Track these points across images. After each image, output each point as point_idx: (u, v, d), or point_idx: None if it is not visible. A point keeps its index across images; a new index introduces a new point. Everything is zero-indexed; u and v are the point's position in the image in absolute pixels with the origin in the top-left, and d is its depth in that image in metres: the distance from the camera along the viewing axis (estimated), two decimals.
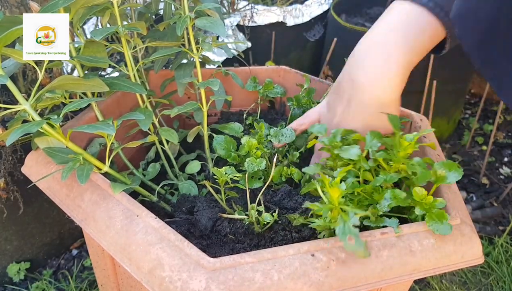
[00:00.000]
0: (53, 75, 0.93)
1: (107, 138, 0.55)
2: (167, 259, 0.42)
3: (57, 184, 0.54)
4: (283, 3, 1.46)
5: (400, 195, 0.48)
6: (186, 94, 0.80)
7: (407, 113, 0.70)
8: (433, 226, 0.46)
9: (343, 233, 0.41)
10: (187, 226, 0.55)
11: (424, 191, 0.48)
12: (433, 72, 1.29)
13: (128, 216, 0.47)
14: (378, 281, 0.44)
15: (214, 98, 0.68)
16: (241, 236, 0.53)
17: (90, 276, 0.99)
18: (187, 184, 0.64)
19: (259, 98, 0.87)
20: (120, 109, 0.73)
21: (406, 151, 0.52)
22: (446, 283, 1.02)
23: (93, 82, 0.52)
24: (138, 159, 0.71)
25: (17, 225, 0.92)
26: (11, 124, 0.53)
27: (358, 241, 0.41)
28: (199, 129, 0.69)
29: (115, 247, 0.46)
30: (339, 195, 0.43)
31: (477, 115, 1.43)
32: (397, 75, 0.52)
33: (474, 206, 1.23)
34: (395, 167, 0.52)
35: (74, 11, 0.55)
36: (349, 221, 0.41)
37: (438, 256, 0.46)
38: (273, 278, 0.40)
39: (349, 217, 0.42)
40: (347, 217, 0.42)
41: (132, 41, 0.63)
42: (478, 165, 1.42)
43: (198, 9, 0.61)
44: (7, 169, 0.83)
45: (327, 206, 0.44)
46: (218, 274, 0.40)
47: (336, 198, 0.43)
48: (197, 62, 0.65)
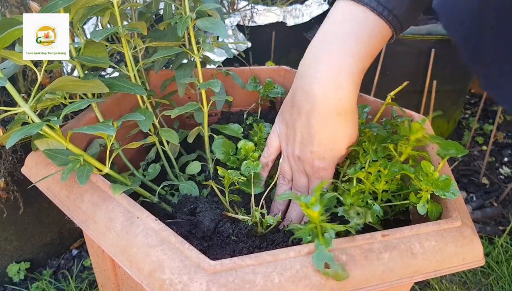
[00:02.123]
0: (53, 76, 0.93)
1: (107, 139, 0.54)
2: (167, 261, 0.42)
3: (57, 185, 0.54)
4: (283, 3, 1.46)
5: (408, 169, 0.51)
6: (187, 94, 0.80)
7: (408, 113, 0.70)
8: (440, 192, 0.49)
9: (318, 259, 0.41)
10: (189, 227, 0.55)
11: (431, 166, 0.50)
12: (433, 72, 1.29)
13: (129, 218, 0.47)
14: (379, 283, 0.44)
15: (214, 98, 0.68)
16: (243, 236, 0.53)
17: (90, 276, 0.99)
18: (188, 185, 0.64)
19: (260, 98, 0.87)
20: (120, 110, 0.73)
21: (416, 135, 0.53)
22: (446, 283, 1.02)
23: (93, 83, 0.51)
24: (139, 160, 0.71)
25: (17, 225, 0.92)
26: (11, 126, 0.53)
27: (334, 265, 0.41)
28: (199, 129, 0.69)
29: (115, 249, 0.46)
30: (317, 214, 0.43)
31: (477, 115, 1.43)
32: (352, 83, 0.51)
33: (474, 206, 1.23)
34: (406, 152, 0.54)
35: (74, 11, 0.54)
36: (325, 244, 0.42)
37: (440, 258, 0.46)
38: (274, 281, 0.40)
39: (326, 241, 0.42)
40: (324, 241, 0.43)
41: (132, 41, 0.63)
42: (478, 165, 1.42)
43: (199, 9, 0.61)
44: (7, 169, 0.83)
45: (309, 227, 0.45)
46: (218, 277, 0.40)
47: (316, 217, 0.43)
48: (197, 62, 0.65)
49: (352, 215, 0.52)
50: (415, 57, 1.31)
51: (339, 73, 0.50)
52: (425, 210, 0.50)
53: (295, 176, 0.60)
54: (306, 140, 0.55)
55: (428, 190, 0.50)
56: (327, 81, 0.51)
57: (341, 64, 0.50)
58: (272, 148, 0.63)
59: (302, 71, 0.54)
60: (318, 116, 0.53)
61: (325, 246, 0.42)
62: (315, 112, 0.53)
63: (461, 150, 0.50)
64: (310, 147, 0.55)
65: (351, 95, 0.52)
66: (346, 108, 0.52)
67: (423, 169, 0.50)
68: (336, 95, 0.51)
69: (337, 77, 0.50)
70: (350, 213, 0.52)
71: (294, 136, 0.57)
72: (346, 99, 0.51)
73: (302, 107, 0.54)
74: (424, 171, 0.50)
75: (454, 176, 1.32)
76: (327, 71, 0.51)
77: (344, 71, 0.50)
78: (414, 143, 0.55)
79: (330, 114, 0.52)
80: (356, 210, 0.52)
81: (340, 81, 0.51)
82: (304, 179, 0.59)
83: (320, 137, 0.54)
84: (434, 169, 0.50)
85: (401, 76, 1.21)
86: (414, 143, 0.55)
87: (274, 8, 1.38)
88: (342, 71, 0.50)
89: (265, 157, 0.64)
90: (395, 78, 1.31)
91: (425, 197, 0.50)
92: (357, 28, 0.50)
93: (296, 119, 0.56)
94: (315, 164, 0.56)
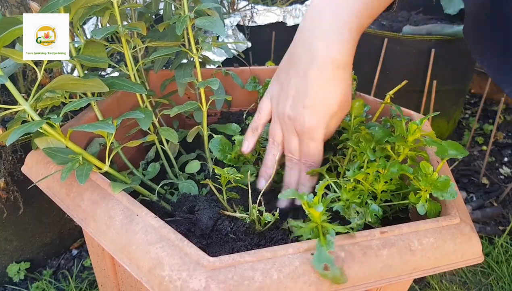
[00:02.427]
0: (53, 75, 0.93)
1: (107, 138, 0.55)
2: (167, 258, 0.42)
3: (57, 184, 0.54)
4: (283, 3, 1.46)
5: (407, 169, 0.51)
6: (186, 94, 0.80)
7: (406, 112, 0.70)
8: (438, 194, 0.49)
9: (318, 261, 0.41)
10: (188, 225, 0.55)
11: (430, 166, 0.50)
12: (433, 72, 1.29)
13: (128, 216, 0.47)
14: (377, 280, 0.44)
15: (214, 98, 0.68)
16: (242, 234, 0.53)
17: (90, 276, 0.99)
18: (187, 183, 0.65)
19: (259, 98, 0.87)
20: (120, 109, 0.73)
21: (414, 136, 0.53)
22: (446, 283, 1.02)
23: (93, 82, 0.52)
24: (138, 159, 0.71)
25: (17, 225, 0.92)
26: (10, 124, 0.53)
27: (334, 268, 0.41)
28: (199, 129, 0.69)
29: (115, 247, 0.46)
30: (320, 214, 0.43)
31: (477, 115, 1.43)
32: (351, 38, 0.52)
33: (474, 206, 1.23)
34: (403, 153, 0.54)
35: (74, 11, 0.55)
36: (326, 246, 0.42)
37: (438, 255, 0.46)
38: (273, 277, 0.40)
39: (327, 242, 0.42)
40: (325, 242, 0.42)
41: (132, 41, 0.63)
42: (478, 165, 1.42)
43: (198, 8, 0.61)
44: (7, 169, 0.83)
45: (309, 225, 0.45)
46: (218, 273, 0.40)
47: (318, 217, 0.43)
48: (196, 62, 0.65)
49: (352, 215, 0.52)
50: (415, 57, 1.31)
51: (342, 28, 0.52)
52: (424, 210, 0.50)
53: (286, 136, 0.59)
54: (300, 94, 0.55)
55: (427, 190, 0.50)
56: (329, 34, 0.52)
57: (344, 19, 0.52)
58: (264, 111, 0.62)
59: (303, 26, 0.55)
60: (316, 68, 0.53)
61: (326, 248, 0.42)
62: (314, 64, 0.53)
63: (461, 150, 0.50)
64: (303, 101, 0.55)
65: (350, 51, 0.53)
66: (345, 63, 0.53)
67: (422, 169, 0.51)
68: (337, 49, 0.52)
69: (340, 31, 0.52)
70: (350, 213, 0.52)
71: (287, 93, 0.57)
72: (346, 54, 0.53)
73: (300, 61, 0.54)
74: (423, 171, 0.50)
75: (454, 175, 1.33)
76: (330, 25, 0.52)
77: (347, 27, 0.52)
78: (411, 144, 0.55)
79: (328, 66, 0.53)
80: (356, 209, 0.52)
81: (343, 35, 0.52)
82: (295, 139, 0.58)
83: (315, 89, 0.54)
84: (433, 169, 0.50)
85: (401, 76, 1.21)
86: (411, 144, 0.55)
87: (274, 8, 1.38)
88: (346, 26, 0.52)
89: (255, 120, 0.64)
90: (395, 78, 1.31)
91: (424, 197, 0.50)
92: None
93: (292, 76, 0.56)
94: (306, 121, 0.55)
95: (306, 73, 0.54)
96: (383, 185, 0.53)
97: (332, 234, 0.43)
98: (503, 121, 1.67)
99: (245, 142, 0.65)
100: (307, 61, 0.54)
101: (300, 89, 0.55)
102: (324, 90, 0.54)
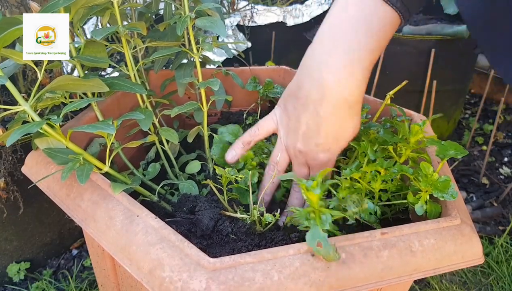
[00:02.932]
0: (53, 75, 0.93)
1: (107, 138, 0.55)
2: (167, 259, 0.42)
3: (57, 184, 0.54)
4: (283, 3, 1.46)
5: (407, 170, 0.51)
6: (187, 94, 0.80)
7: (407, 113, 0.70)
8: (438, 194, 0.49)
9: (312, 238, 0.41)
10: (188, 226, 0.55)
11: (431, 167, 0.50)
12: (433, 72, 1.29)
13: (128, 216, 0.47)
14: (378, 281, 0.44)
15: (214, 98, 0.68)
16: (242, 235, 0.53)
17: (90, 276, 0.99)
18: (188, 184, 0.64)
19: (259, 98, 0.87)
20: (120, 110, 0.73)
21: (416, 137, 0.53)
22: (446, 283, 1.02)
23: (93, 83, 0.52)
24: (138, 159, 0.71)
25: (17, 225, 0.92)
26: (11, 125, 0.53)
27: (327, 245, 0.41)
28: (199, 129, 0.69)
29: (115, 247, 0.46)
30: (317, 198, 0.43)
31: (477, 115, 1.43)
32: (363, 76, 0.50)
33: (474, 206, 1.23)
34: (405, 154, 0.54)
35: (74, 11, 0.55)
36: (320, 226, 0.42)
37: (439, 256, 0.46)
38: (273, 278, 0.40)
39: (322, 222, 0.42)
40: (320, 222, 0.42)
41: (132, 41, 0.63)
42: (478, 165, 1.42)
43: (199, 9, 0.61)
44: (7, 169, 0.83)
45: (306, 210, 0.45)
46: (218, 274, 0.40)
47: (315, 202, 0.43)
48: (197, 62, 0.65)
49: (349, 203, 0.52)
50: (415, 57, 1.31)
51: (352, 63, 0.49)
52: (423, 211, 0.50)
53: (295, 168, 0.59)
54: (312, 132, 0.54)
55: (427, 191, 0.50)
56: (340, 70, 0.50)
57: (354, 55, 0.49)
58: (263, 130, 0.61)
59: (311, 59, 0.52)
60: (328, 106, 0.51)
61: (321, 227, 0.42)
62: (325, 102, 0.51)
63: (461, 150, 0.50)
64: (316, 139, 0.53)
65: (362, 86, 0.51)
66: (357, 98, 0.51)
67: (422, 170, 0.50)
68: (349, 85, 0.50)
69: (350, 66, 0.49)
70: (347, 201, 0.52)
71: (297, 129, 0.55)
72: (358, 90, 0.51)
73: (310, 97, 0.52)
74: (423, 172, 0.50)
75: (454, 176, 1.33)
76: (340, 60, 0.49)
77: (357, 61, 0.49)
78: (413, 145, 0.54)
79: (341, 104, 0.51)
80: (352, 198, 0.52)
81: (353, 70, 0.49)
82: (306, 169, 0.58)
83: (328, 128, 0.52)
84: (433, 170, 0.50)
85: (401, 76, 1.21)
86: (413, 145, 0.54)
87: (274, 8, 1.38)
88: (355, 60, 0.49)
89: (251, 135, 0.61)
90: (395, 78, 1.31)
91: (424, 197, 0.50)
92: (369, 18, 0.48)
93: (301, 112, 0.54)
94: (319, 156, 0.54)
95: (317, 110, 0.52)
96: (380, 184, 0.53)
97: (328, 216, 0.43)
98: (503, 121, 1.67)
99: (231, 151, 0.63)
100: (317, 98, 0.51)
101: (311, 126, 0.53)
102: (337, 129, 0.53)
